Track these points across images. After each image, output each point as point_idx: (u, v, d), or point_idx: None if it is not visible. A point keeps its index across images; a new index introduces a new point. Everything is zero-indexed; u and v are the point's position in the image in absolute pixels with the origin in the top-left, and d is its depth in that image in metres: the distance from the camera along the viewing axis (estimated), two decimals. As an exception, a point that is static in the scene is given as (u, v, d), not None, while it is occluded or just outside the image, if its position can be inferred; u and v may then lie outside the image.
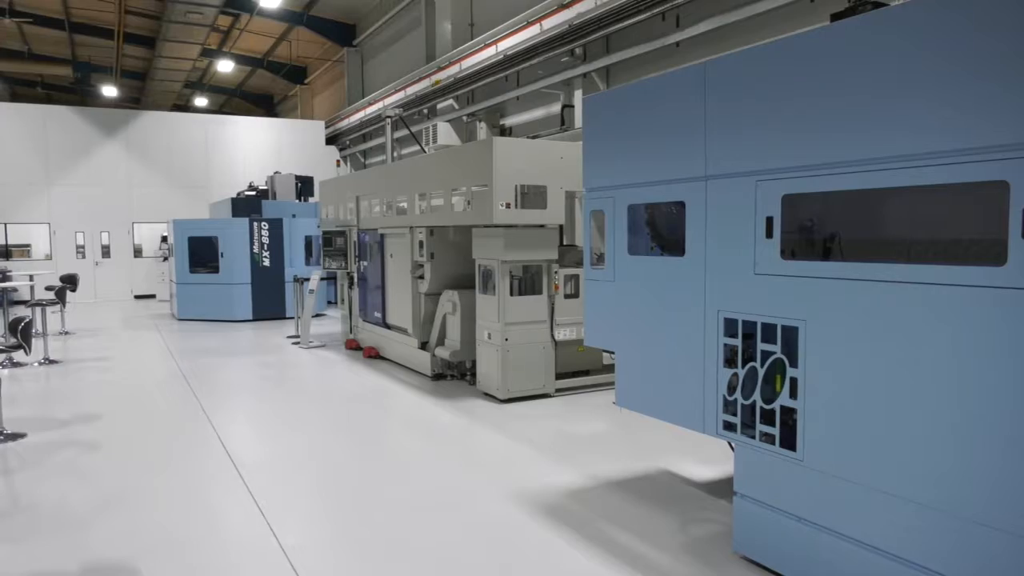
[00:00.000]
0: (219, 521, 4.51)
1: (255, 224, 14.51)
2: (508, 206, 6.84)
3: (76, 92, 27.20)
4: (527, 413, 6.92)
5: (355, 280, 10.79)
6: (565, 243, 7.35)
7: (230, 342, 12.00)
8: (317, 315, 14.07)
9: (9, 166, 19.01)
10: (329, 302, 16.23)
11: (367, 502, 4.75)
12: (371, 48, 21.45)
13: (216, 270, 14.57)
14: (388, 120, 11.38)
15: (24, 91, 27.92)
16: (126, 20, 19.68)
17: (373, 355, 10.09)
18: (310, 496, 4.93)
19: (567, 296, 7.36)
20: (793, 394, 3.31)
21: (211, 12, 16.96)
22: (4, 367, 9.64)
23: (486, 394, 7.55)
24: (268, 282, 14.60)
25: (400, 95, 17.19)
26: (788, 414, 3.36)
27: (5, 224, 19.12)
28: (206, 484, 5.14)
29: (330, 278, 12.93)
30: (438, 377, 8.51)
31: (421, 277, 8.56)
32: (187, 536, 4.25)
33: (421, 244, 8.42)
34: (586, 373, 7.82)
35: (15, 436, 6.31)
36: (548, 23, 11.45)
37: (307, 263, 14.73)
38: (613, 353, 4.59)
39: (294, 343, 11.53)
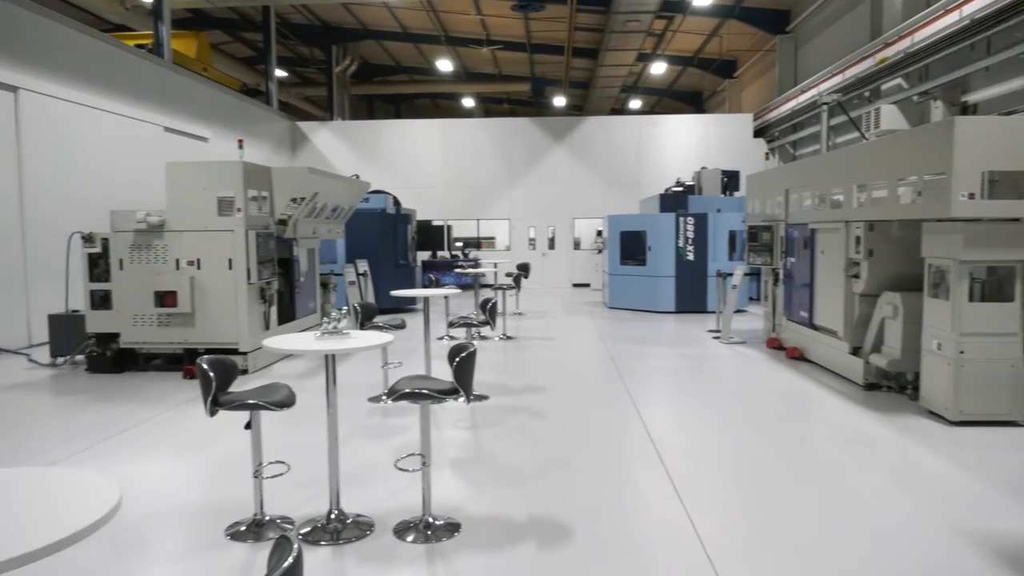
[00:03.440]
0: (641, 497, 4.79)
1: (681, 219, 14.97)
2: (971, 196, 5.87)
3: (532, 104, 31.43)
4: (984, 441, 5.89)
5: (780, 277, 10.40)
6: (1049, 240, 6.05)
7: (653, 331, 12.60)
8: (738, 311, 13.95)
9: (484, 171, 22.91)
10: (750, 298, 15.96)
11: (785, 506, 4.57)
12: (805, 33, 20.32)
13: (643, 263, 15.42)
14: (824, 107, 10.67)
15: (493, 107, 33.38)
16: (574, 36, 21.96)
17: (796, 356, 9.62)
18: (726, 488, 4.93)
19: (1049, 305, 6.06)
20: None
21: (647, 18, 17.92)
22: (475, 339, 11.63)
23: (930, 412, 6.63)
24: (691, 276, 14.95)
25: (837, 79, 15.96)
26: None
27: (478, 220, 23.07)
28: (630, 460, 5.51)
29: (753, 274, 12.68)
30: (871, 387, 7.74)
31: (856, 276, 7.87)
32: (613, 506, 4.61)
33: (858, 240, 7.73)
34: (1072, 401, 6.34)
35: (480, 398, 7.58)
36: (1035, -26, 9.47)
37: (730, 258, 14.72)
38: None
39: (714, 337, 11.61)
